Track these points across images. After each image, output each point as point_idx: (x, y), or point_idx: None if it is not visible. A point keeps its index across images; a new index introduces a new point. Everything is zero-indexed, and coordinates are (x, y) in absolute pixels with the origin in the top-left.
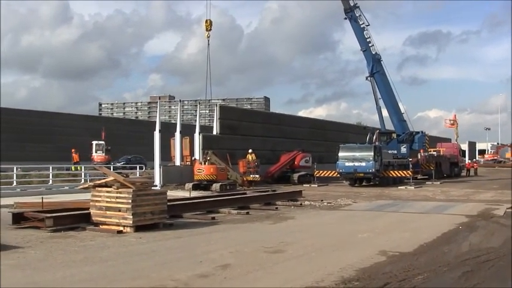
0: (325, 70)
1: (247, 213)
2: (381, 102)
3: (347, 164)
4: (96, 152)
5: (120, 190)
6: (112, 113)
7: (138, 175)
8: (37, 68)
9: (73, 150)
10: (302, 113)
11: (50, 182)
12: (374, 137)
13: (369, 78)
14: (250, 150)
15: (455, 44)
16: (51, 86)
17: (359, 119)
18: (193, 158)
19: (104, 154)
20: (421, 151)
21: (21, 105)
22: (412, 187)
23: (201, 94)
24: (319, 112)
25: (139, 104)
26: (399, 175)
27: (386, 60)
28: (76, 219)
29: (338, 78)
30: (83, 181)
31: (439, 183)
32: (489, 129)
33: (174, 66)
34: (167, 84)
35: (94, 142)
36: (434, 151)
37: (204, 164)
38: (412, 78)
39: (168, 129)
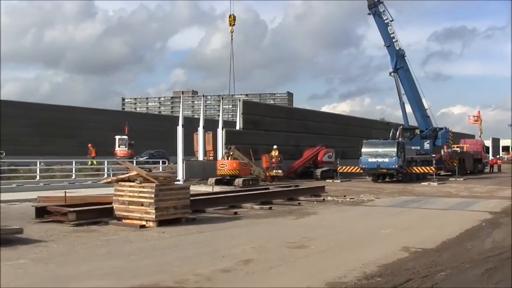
0: (348, 66)
1: (270, 208)
2: (405, 98)
3: (370, 159)
4: (119, 147)
5: (143, 184)
6: (135, 108)
7: (161, 170)
8: (60, 63)
9: (90, 144)
10: (325, 108)
11: (73, 177)
12: (397, 133)
13: (392, 73)
14: (275, 147)
15: (480, 39)
16: (75, 81)
17: (382, 115)
18: (225, 151)
19: (126, 149)
20: (445, 147)
21: (44, 100)
22: (435, 183)
23: (224, 89)
24: (342, 107)
25: (163, 99)
26: (422, 171)
27: (411, 56)
28: (99, 214)
29: (362, 74)
30: (106, 175)
31: (462, 179)
32: None
33: (198, 61)
34: (190, 79)
35: (117, 137)
36: (457, 147)
37: (227, 159)
38: (436, 74)
39: (191, 124)
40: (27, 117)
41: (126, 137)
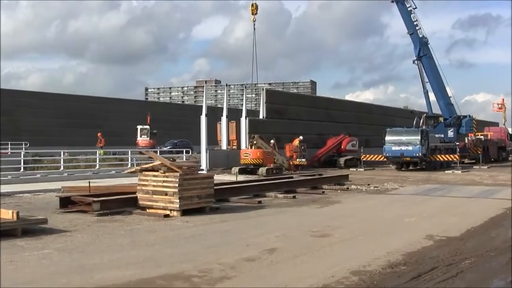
0: (372, 54)
1: (294, 197)
2: (428, 86)
3: (394, 148)
4: (140, 137)
5: (166, 174)
6: (158, 98)
7: (184, 159)
8: (84, 54)
9: (99, 133)
10: (349, 97)
11: (97, 167)
12: (421, 121)
13: (416, 61)
14: (301, 137)
15: (504, 27)
16: (98, 71)
17: (406, 103)
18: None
19: (148, 138)
20: (469, 135)
21: (68, 90)
22: (459, 171)
23: (247, 78)
24: (366, 96)
25: (186, 88)
26: (446, 159)
27: (435, 43)
28: (123, 204)
29: (385, 62)
30: (129, 165)
31: (486, 167)
32: None
33: (221, 50)
34: (214, 69)
35: (139, 126)
36: (481, 135)
37: (251, 148)
38: (460, 61)
39: (214, 114)
40: (51, 107)
41: (147, 126)
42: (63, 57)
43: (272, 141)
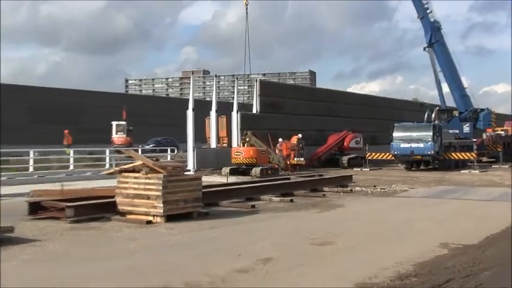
0: (379, 41)
1: (291, 200)
2: (441, 76)
3: (403, 145)
4: (116, 133)
5: (149, 175)
6: (140, 91)
7: (169, 159)
8: (58, 41)
9: (66, 131)
10: (352, 89)
11: (71, 168)
12: (433, 115)
13: (427, 48)
14: (300, 135)
15: None
16: (74, 61)
17: (416, 95)
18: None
19: (125, 135)
20: (487, 130)
21: (40, 82)
22: (477, 171)
23: (239, 68)
24: (371, 87)
25: (171, 79)
26: (462, 158)
27: (449, 28)
28: (100, 209)
29: (393, 50)
30: (107, 166)
31: (507, 166)
32: None
33: (211, 37)
34: (202, 58)
35: (114, 122)
36: (501, 130)
37: (243, 146)
38: (478, 48)
39: (202, 108)
40: (20, 101)
41: (124, 122)
42: (34, 45)
43: (280, 142)
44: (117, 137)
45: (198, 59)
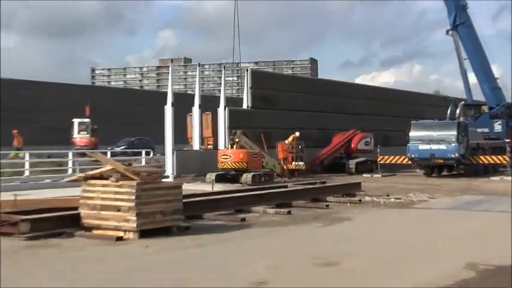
0: (394, 23)
1: (289, 212)
2: (467, 64)
3: (421, 146)
4: (78, 133)
5: (120, 183)
6: (109, 82)
7: (143, 163)
8: (10, 24)
9: (15, 130)
10: (362, 80)
11: (27, 174)
12: (458, 111)
13: (450, 32)
14: (297, 134)
15: None
16: (29, 47)
17: (438, 87)
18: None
19: (89, 135)
20: None
21: None
22: (510, 177)
23: (227, 56)
24: (384, 78)
25: (145, 69)
26: (492, 162)
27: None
28: (61, 223)
29: (411, 33)
30: (70, 172)
31: None
32: None
33: (194, 18)
34: (183, 44)
35: (76, 120)
36: None
37: (231, 147)
38: None
39: (183, 103)
40: None
41: (87, 120)
42: None
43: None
44: (80, 137)
45: (178, 44)
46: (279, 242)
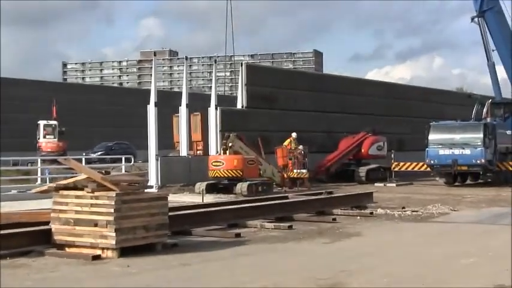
0: (410, 10)
1: (290, 227)
2: (496, 56)
3: (442, 151)
4: (44, 137)
5: (96, 194)
6: (83, 78)
7: (123, 171)
8: None
9: None
10: (374, 75)
11: None
12: (485, 110)
13: (476, 19)
14: (294, 135)
15: None
16: None
17: (462, 83)
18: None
19: (56, 139)
20: None
21: None
22: None
23: (219, 48)
24: (400, 73)
25: (125, 63)
26: None
27: None
28: (29, 240)
29: (430, 22)
30: (39, 181)
31: None
32: None
33: (181, 6)
34: (169, 34)
35: (41, 122)
36: None
37: (224, 153)
38: None
39: (169, 102)
40: None
41: (54, 122)
42: None
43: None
44: (46, 141)
45: (163, 35)
46: (278, 260)
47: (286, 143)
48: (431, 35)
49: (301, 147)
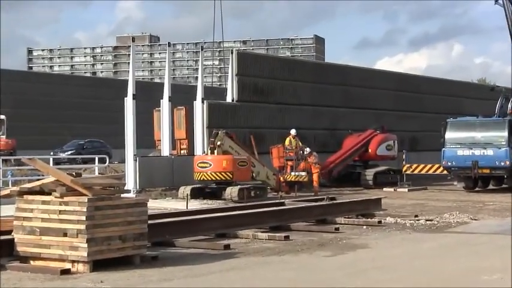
0: None
1: (286, 237)
2: None
3: (461, 152)
4: None
5: (66, 199)
6: (51, 67)
7: (97, 173)
8: None
9: None
10: (384, 64)
11: None
12: (510, 105)
13: (501, 1)
14: (293, 132)
15: None
16: None
17: (484, 74)
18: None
19: (4, 136)
20: None
21: None
22: None
23: (206, 33)
24: (414, 62)
25: (99, 49)
26: None
27: None
28: None
29: (449, 4)
30: (0, 184)
31: None
32: None
33: None
34: (149, 17)
35: None
36: None
37: (212, 153)
38: None
39: (149, 93)
40: None
41: (2, 117)
42: None
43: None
44: None
45: (143, 18)
46: (273, 276)
47: (287, 142)
48: (450, 18)
49: (308, 149)
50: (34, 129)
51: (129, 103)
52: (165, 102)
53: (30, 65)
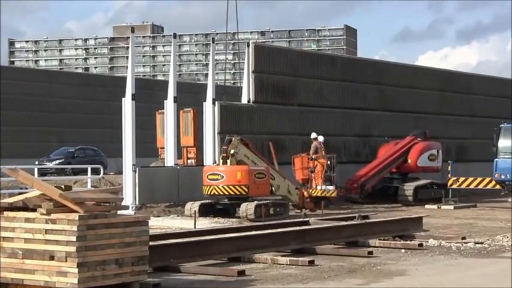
0: None
1: (311, 262)
2: None
3: None
4: None
5: (53, 217)
6: (36, 61)
7: (89, 186)
8: None
9: None
10: (427, 60)
11: None
12: None
13: None
14: (313, 135)
15: None
16: None
17: None
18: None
19: None
20: None
21: None
22: None
23: (219, 24)
24: (461, 58)
25: (93, 41)
26: None
27: None
28: None
29: None
30: None
31: None
32: None
33: None
34: (152, 5)
35: None
36: None
37: (224, 163)
38: None
39: (151, 93)
40: None
41: None
42: None
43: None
44: None
45: (145, 6)
46: None
47: (312, 151)
48: (505, 7)
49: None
50: (15, 135)
51: (127, 104)
52: (169, 104)
53: (11, 59)
